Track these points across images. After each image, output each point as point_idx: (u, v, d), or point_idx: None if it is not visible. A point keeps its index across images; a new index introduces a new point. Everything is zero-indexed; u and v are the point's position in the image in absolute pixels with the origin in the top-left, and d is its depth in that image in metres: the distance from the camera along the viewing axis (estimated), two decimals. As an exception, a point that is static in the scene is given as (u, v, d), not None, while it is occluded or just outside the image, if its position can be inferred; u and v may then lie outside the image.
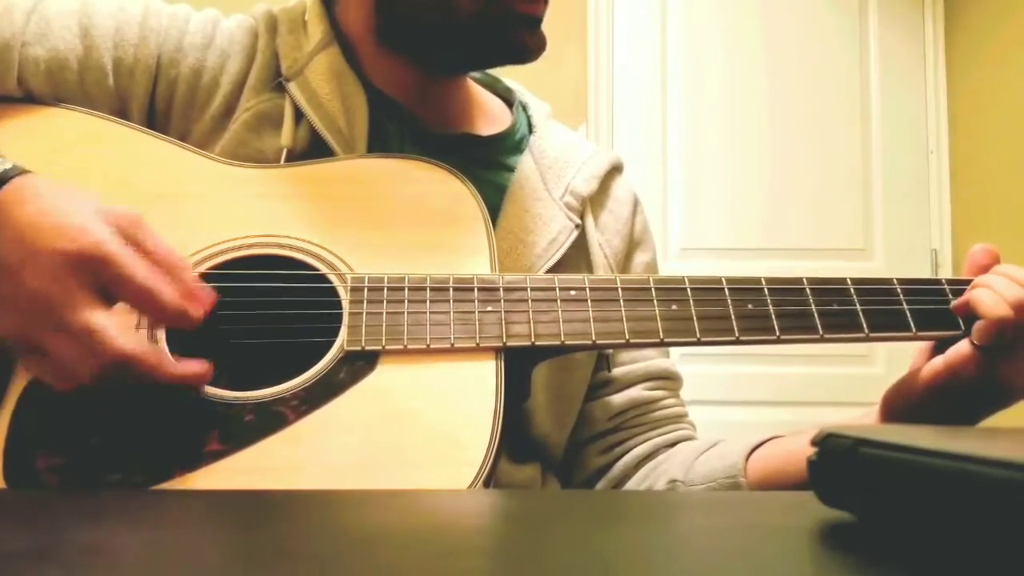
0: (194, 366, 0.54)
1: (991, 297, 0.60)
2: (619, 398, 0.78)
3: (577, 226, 0.75)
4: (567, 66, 2.45)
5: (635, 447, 0.77)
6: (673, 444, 0.78)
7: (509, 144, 0.80)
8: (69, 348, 0.50)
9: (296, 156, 0.69)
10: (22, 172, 0.54)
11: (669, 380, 0.81)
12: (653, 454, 0.77)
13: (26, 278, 0.50)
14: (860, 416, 0.70)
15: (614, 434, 0.78)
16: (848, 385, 2.36)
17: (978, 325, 0.59)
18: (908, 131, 2.47)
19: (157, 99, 0.71)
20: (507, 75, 0.87)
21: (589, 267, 0.76)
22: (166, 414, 0.55)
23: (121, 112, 0.70)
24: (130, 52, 0.70)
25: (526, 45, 0.72)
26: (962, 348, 0.60)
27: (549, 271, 0.72)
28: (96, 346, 0.50)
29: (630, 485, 0.77)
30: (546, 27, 0.73)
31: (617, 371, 0.78)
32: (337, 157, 0.69)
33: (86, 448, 0.53)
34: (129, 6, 0.72)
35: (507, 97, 0.87)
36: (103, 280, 0.51)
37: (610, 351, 0.78)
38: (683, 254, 2.40)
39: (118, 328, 0.51)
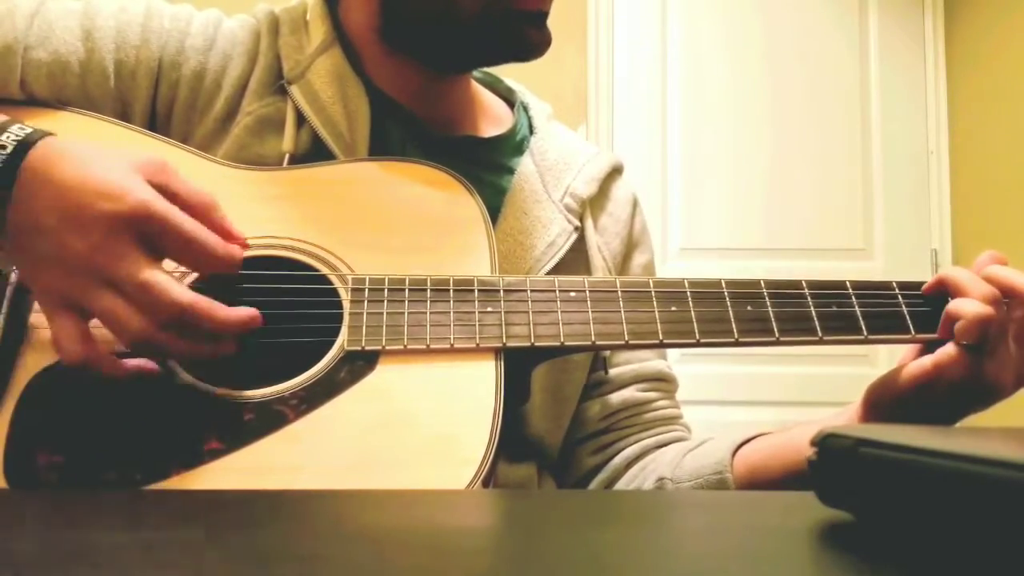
0: (245, 312, 0.54)
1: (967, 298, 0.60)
2: (612, 399, 0.78)
3: (576, 228, 0.75)
4: (567, 67, 2.45)
5: (626, 448, 0.77)
6: (663, 445, 0.78)
7: (510, 146, 0.80)
8: (121, 306, 0.51)
9: (298, 159, 0.69)
10: (45, 134, 0.55)
11: (663, 382, 0.81)
12: (643, 455, 0.77)
13: (71, 239, 0.51)
14: (835, 415, 0.70)
15: (606, 435, 0.78)
16: (848, 385, 2.34)
17: (959, 325, 0.60)
18: (908, 131, 2.47)
19: (159, 102, 0.71)
20: (507, 75, 0.87)
21: (588, 270, 0.76)
22: (166, 412, 0.55)
23: (123, 114, 0.70)
24: (132, 54, 0.70)
25: (531, 41, 0.72)
26: (949, 348, 0.60)
27: (548, 273, 0.71)
28: (154, 300, 0.51)
29: (619, 485, 0.77)
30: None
31: (612, 372, 0.78)
32: (339, 160, 0.69)
33: (86, 447, 0.53)
34: (131, 7, 0.72)
35: (508, 98, 0.87)
36: (150, 235, 0.52)
37: (607, 353, 0.78)
38: (683, 254, 2.40)
39: (172, 280, 0.52)
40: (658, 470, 0.74)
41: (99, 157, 0.53)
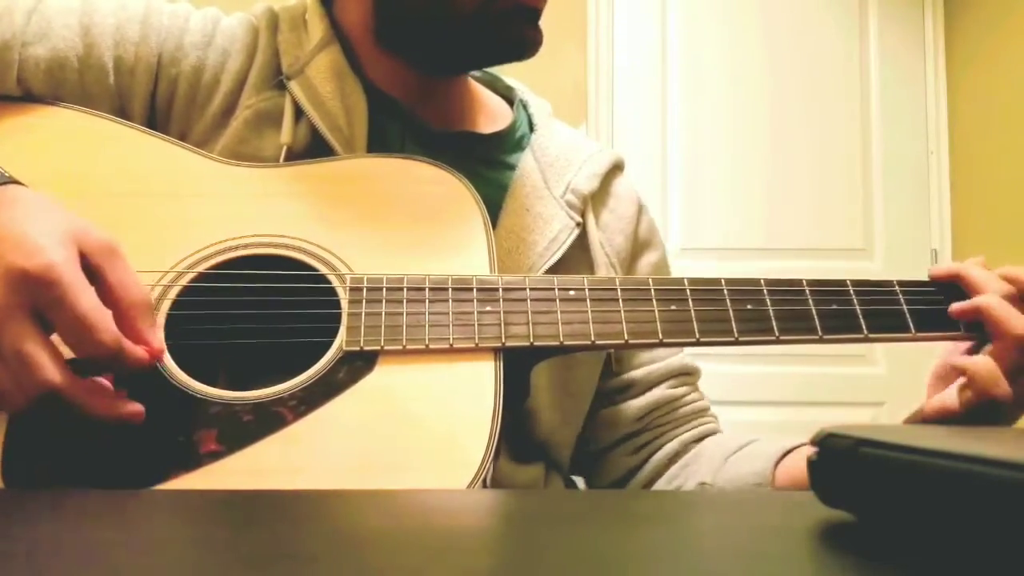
0: (122, 409, 0.51)
1: (1004, 309, 0.60)
2: (644, 399, 0.79)
3: (578, 224, 0.75)
4: (567, 65, 2.45)
5: (664, 444, 0.78)
6: (700, 439, 0.79)
7: (510, 142, 0.80)
8: (2, 373, 0.49)
9: (296, 155, 0.69)
10: (8, 181, 0.54)
11: (688, 375, 0.82)
12: (682, 451, 0.78)
13: None
14: None
15: (642, 434, 0.79)
16: (848, 385, 2.36)
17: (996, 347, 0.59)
18: (908, 131, 2.47)
19: (158, 98, 0.71)
20: (507, 74, 0.87)
21: (590, 266, 0.76)
22: (164, 415, 0.55)
23: (121, 111, 0.70)
24: (131, 51, 0.70)
25: (525, 39, 0.71)
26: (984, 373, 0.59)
27: (550, 270, 0.71)
28: (22, 373, 0.48)
29: (660, 483, 0.78)
30: (546, 26, 0.72)
31: (637, 373, 0.79)
32: (337, 156, 0.69)
33: (84, 448, 0.53)
34: (130, 4, 0.72)
35: (507, 95, 0.87)
36: (43, 303, 0.49)
37: (621, 352, 0.78)
38: (683, 254, 2.40)
39: (49, 356, 0.49)
40: (699, 472, 0.75)
41: (45, 216, 0.51)
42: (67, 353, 0.50)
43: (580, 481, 0.85)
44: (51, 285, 0.48)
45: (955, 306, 0.62)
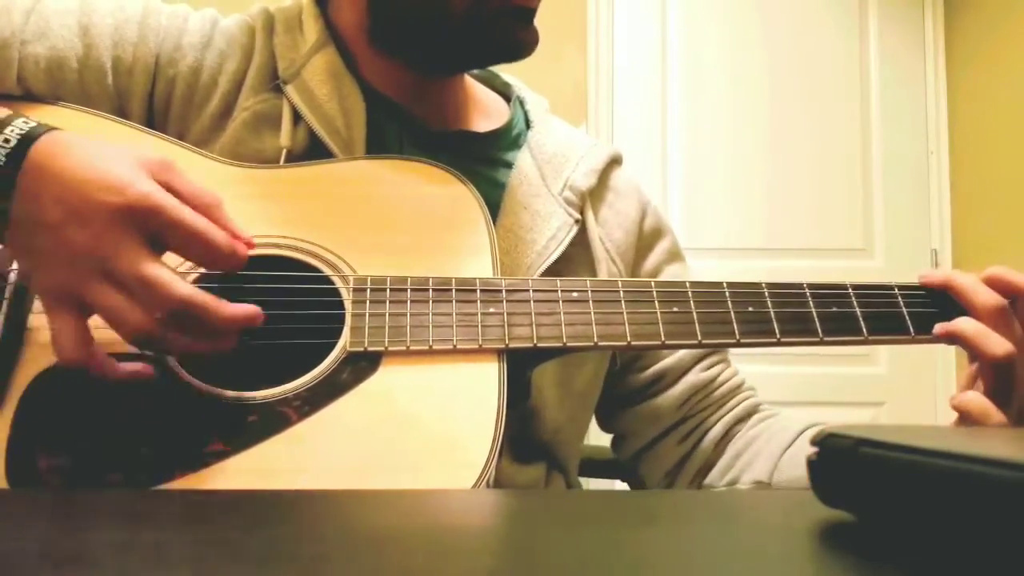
0: (246, 308, 0.54)
1: (978, 332, 0.60)
2: (679, 387, 0.79)
3: (577, 221, 0.75)
4: (567, 65, 2.45)
5: (709, 430, 0.79)
6: (745, 417, 0.80)
7: (507, 140, 0.80)
8: (121, 299, 0.50)
9: (295, 156, 0.69)
10: (49, 129, 0.54)
11: (717, 353, 0.82)
12: (728, 433, 0.79)
13: (72, 233, 0.50)
14: None
15: (686, 422, 0.79)
16: (849, 385, 2.36)
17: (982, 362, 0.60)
18: (908, 131, 2.47)
19: (156, 98, 0.71)
20: (506, 71, 0.87)
21: (590, 262, 0.76)
22: (168, 414, 0.55)
23: (120, 111, 0.70)
24: (129, 51, 0.70)
25: (519, 40, 0.71)
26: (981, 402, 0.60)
27: (550, 267, 0.71)
28: (155, 294, 0.50)
29: (715, 473, 0.78)
30: (546, 26, 0.72)
31: (668, 361, 0.80)
32: (337, 158, 0.69)
33: (88, 448, 0.53)
34: (128, 5, 0.72)
35: (505, 92, 0.86)
36: (152, 229, 0.51)
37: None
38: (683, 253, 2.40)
39: (174, 275, 0.51)
40: (755, 468, 0.75)
41: (104, 152, 0.53)
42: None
43: (584, 482, 0.85)
44: (156, 211, 0.51)
45: (937, 328, 0.63)
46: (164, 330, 0.51)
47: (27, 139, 0.53)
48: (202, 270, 0.59)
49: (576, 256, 0.75)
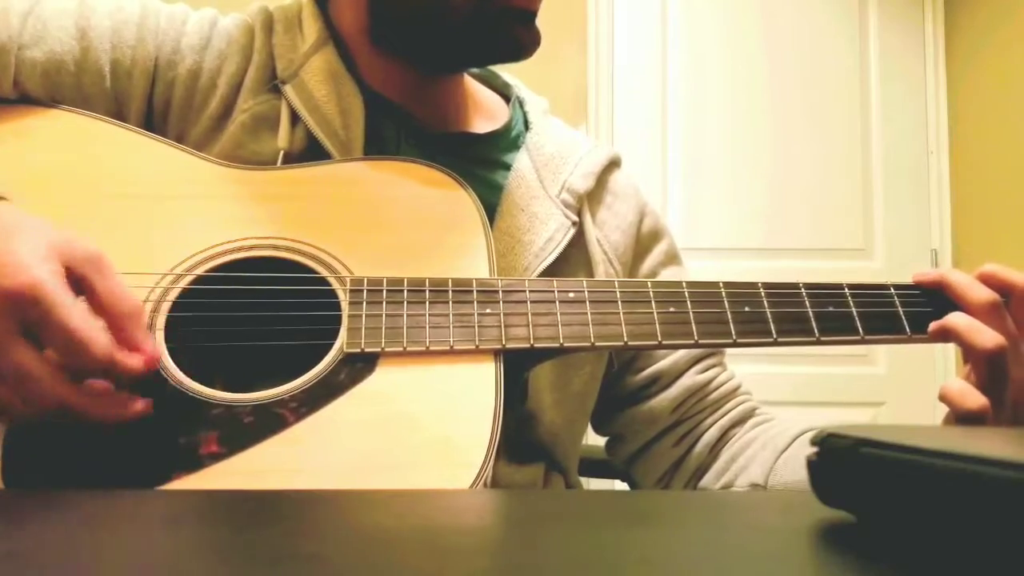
0: (136, 406, 0.52)
1: (970, 326, 0.60)
2: (674, 390, 0.79)
3: (574, 224, 0.75)
4: (567, 66, 2.45)
5: (704, 433, 0.79)
6: (740, 420, 0.79)
7: (506, 142, 0.80)
8: (2, 390, 0.49)
9: (293, 158, 0.69)
10: None
11: (713, 356, 0.82)
12: (724, 437, 0.79)
13: None
14: None
15: (681, 425, 0.79)
16: (848, 385, 2.36)
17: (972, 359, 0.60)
18: (908, 131, 2.47)
19: (155, 101, 0.71)
20: (506, 71, 0.87)
21: (588, 264, 0.76)
22: (165, 417, 0.55)
23: (118, 114, 0.70)
24: (127, 54, 0.70)
25: (521, 41, 0.71)
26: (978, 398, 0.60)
27: (547, 269, 0.71)
28: (26, 391, 0.49)
29: (709, 477, 0.78)
30: (545, 27, 0.72)
31: (664, 363, 0.79)
32: (335, 160, 0.69)
33: (85, 451, 0.53)
34: (126, 6, 0.72)
35: (505, 92, 0.86)
36: (31, 321, 0.49)
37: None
38: (683, 254, 2.38)
39: (49, 372, 0.49)
40: (750, 472, 0.75)
41: (25, 232, 0.51)
42: None
43: (584, 482, 0.85)
44: (36, 303, 0.48)
45: (931, 326, 0.63)
46: (59, 413, 0.50)
47: None
48: (184, 285, 0.59)
49: (574, 258, 0.75)
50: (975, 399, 0.59)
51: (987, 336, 0.59)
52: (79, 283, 0.51)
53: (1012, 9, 2.25)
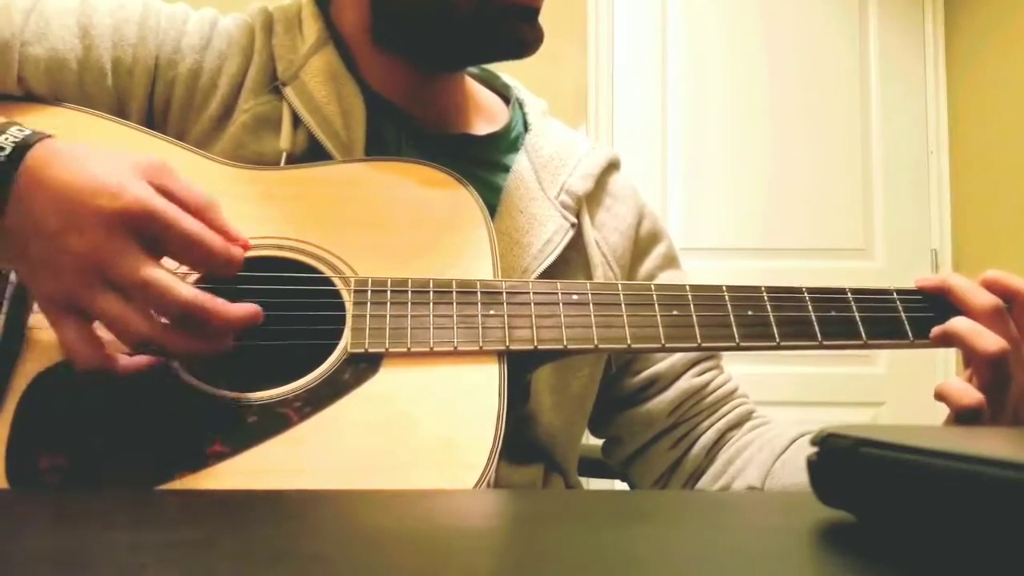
0: (247, 308, 0.54)
1: (972, 330, 0.60)
2: (671, 392, 0.79)
3: (573, 226, 0.75)
4: (567, 66, 2.45)
5: (700, 435, 0.79)
6: (737, 424, 0.79)
7: (505, 143, 0.80)
8: (121, 305, 0.51)
9: (295, 159, 0.69)
10: (43, 136, 0.54)
11: (710, 359, 0.82)
12: (720, 441, 0.78)
13: (69, 240, 0.50)
14: None
15: (678, 427, 0.79)
16: (849, 385, 2.36)
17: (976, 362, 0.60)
18: (908, 131, 2.47)
19: (155, 100, 0.71)
20: (506, 71, 0.87)
21: (586, 266, 0.76)
22: (169, 415, 0.55)
23: (119, 112, 0.70)
24: (129, 52, 0.70)
25: (524, 38, 0.71)
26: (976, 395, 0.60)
27: (545, 271, 0.71)
28: (156, 299, 0.50)
29: (706, 479, 0.78)
30: (546, 27, 0.72)
31: (661, 366, 0.79)
32: (337, 160, 0.69)
33: (88, 448, 0.53)
34: (127, 4, 0.72)
35: (504, 93, 0.86)
36: (149, 234, 0.51)
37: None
38: (683, 254, 2.35)
39: (175, 280, 0.51)
40: (747, 475, 0.75)
41: (98, 157, 0.53)
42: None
43: (584, 482, 0.85)
44: (152, 217, 0.51)
45: (933, 331, 0.63)
46: (165, 334, 0.51)
47: (21, 147, 0.53)
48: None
49: (572, 260, 0.75)
50: (972, 395, 0.59)
51: (989, 340, 0.59)
52: (160, 191, 0.53)
53: (1012, 9, 2.25)
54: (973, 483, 0.24)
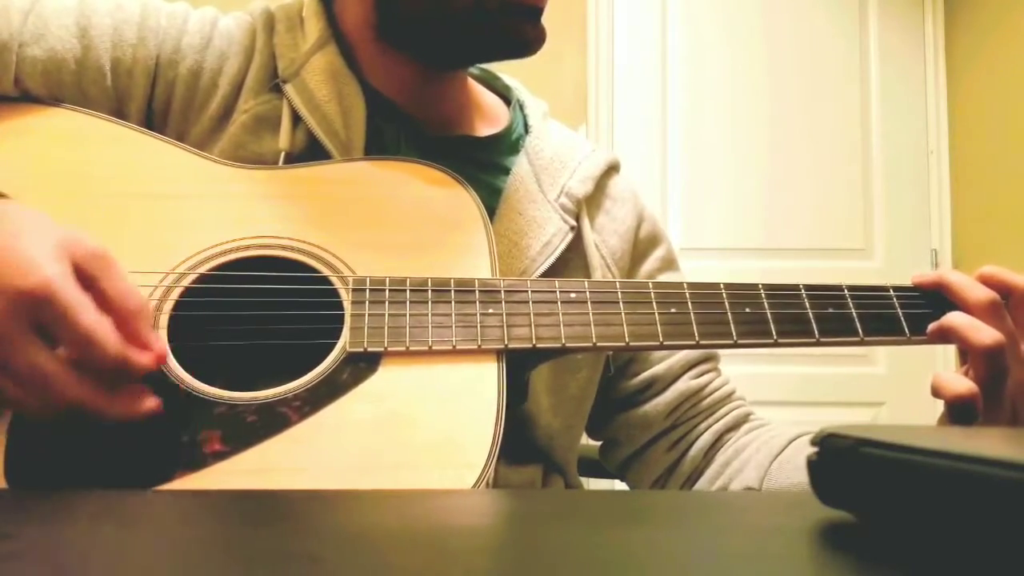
0: (148, 402, 0.52)
1: (968, 324, 0.60)
2: (669, 395, 0.79)
3: (572, 228, 0.75)
4: (567, 66, 2.45)
5: (698, 438, 0.79)
6: (735, 426, 0.79)
7: (505, 145, 0.80)
8: (16, 390, 0.49)
9: (294, 158, 0.69)
10: None
11: (708, 360, 0.82)
12: (718, 442, 0.79)
13: None
14: None
15: (675, 429, 0.79)
16: (848, 385, 2.36)
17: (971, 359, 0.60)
18: (908, 131, 2.47)
19: (155, 100, 0.71)
20: (506, 72, 0.87)
21: (586, 268, 0.76)
22: (168, 415, 0.55)
23: (119, 112, 0.70)
24: (128, 52, 0.70)
25: (527, 37, 0.71)
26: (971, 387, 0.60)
27: (544, 274, 0.71)
28: (42, 390, 0.49)
29: (703, 481, 0.78)
30: (546, 27, 0.73)
31: (659, 368, 0.79)
32: (336, 159, 0.69)
33: (88, 448, 0.53)
34: (127, 4, 0.71)
35: (505, 95, 0.86)
36: (45, 320, 0.49)
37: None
38: (683, 254, 2.37)
39: (65, 371, 0.49)
40: (744, 476, 0.75)
41: (34, 230, 0.51)
42: None
43: (584, 482, 0.85)
44: (51, 302, 0.48)
45: (930, 327, 0.63)
46: (73, 412, 0.50)
47: None
48: (186, 284, 0.59)
49: (571, 262, 0.75)
50: (964, 384, 0.59)
51: (986, 333, 0.59)
52: (87, 281, 0.51)
53: (1012, 9, 2.25)
54: (973, 483, 0.24)
